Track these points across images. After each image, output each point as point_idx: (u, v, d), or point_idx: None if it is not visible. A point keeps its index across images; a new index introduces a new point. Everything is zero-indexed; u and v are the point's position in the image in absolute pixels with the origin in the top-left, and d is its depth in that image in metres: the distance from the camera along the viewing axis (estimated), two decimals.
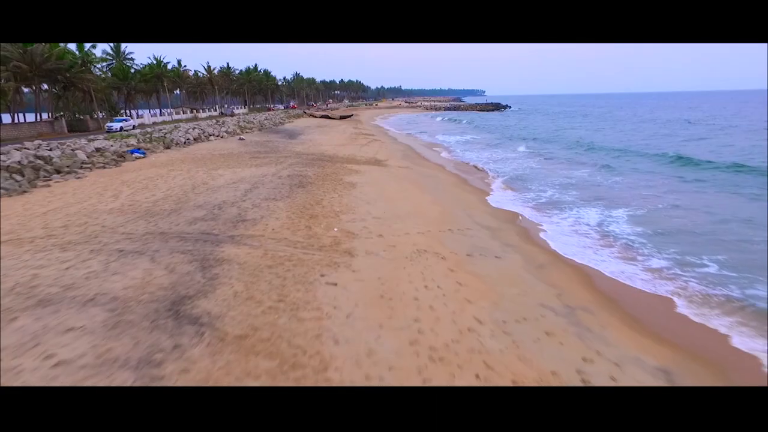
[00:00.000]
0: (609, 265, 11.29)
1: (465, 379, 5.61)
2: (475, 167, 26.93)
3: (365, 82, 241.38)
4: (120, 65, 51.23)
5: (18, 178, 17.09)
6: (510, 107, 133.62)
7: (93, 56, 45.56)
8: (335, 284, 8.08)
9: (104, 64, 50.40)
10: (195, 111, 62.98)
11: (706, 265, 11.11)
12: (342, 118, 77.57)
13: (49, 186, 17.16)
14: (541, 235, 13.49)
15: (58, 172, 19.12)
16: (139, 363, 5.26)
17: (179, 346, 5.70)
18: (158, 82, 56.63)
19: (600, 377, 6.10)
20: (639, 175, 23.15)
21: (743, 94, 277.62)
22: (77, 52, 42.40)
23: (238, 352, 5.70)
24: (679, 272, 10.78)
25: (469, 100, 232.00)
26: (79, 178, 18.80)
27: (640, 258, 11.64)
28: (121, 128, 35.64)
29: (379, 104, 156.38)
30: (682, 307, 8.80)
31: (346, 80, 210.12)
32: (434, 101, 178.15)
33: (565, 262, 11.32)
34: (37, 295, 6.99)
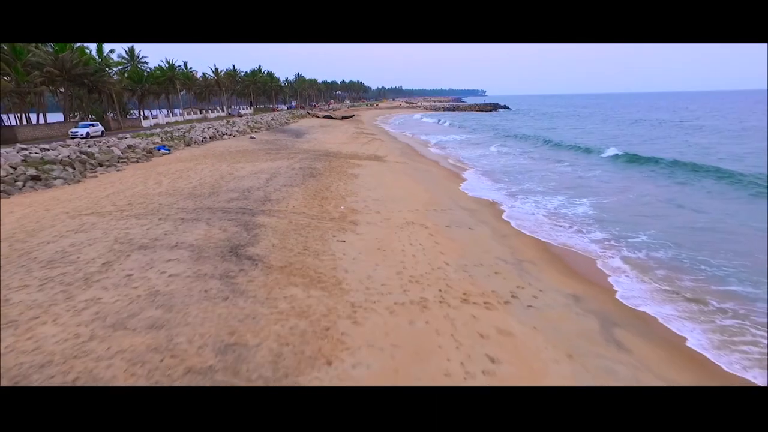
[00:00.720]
0: (560, 236, 14.20)
1: (431, 292, 8.50)
2: (464, 162, 29.86)
3: (366, 83, 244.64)
4: (135, 68, 54.25)
5: (70, 170, 20.06)
6: (508, 108, 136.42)
7: (111, 60, 48.57)
8: (344, 241, 11.01)
9: (120, 67, 53.38)
10: (204, 112, 65.99)
11: (637, 237, 14.01)
12: (344, 118, 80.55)
13: (96, 177, 20.13)
14: (510, 214, 16.41)
15: (101, 165, 22.11)
16: (221, 276, 8.20)
17: (243, 269, 8.63)
18: (170, 85, 59.62)
19: (525, 296, 8.98)
20: (599, 171, 26.12)
21: (743, 94, 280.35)
22: (97, 57, 45.44)
23: (281, 274, 8.63)
24: (614, 243, 13.68)
25: (470, 100, 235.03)
26: (119, 170, 21.77)
27: (585, 231, 14.57)
28: (88, 134, 31.05)
29: (379, 104, 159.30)
30: (601, 265, 11.72)
31: (347, 81, 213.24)
32: (434, 101, 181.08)
33: (526, 234, 14.24)
34: (136, 243, 9.95)
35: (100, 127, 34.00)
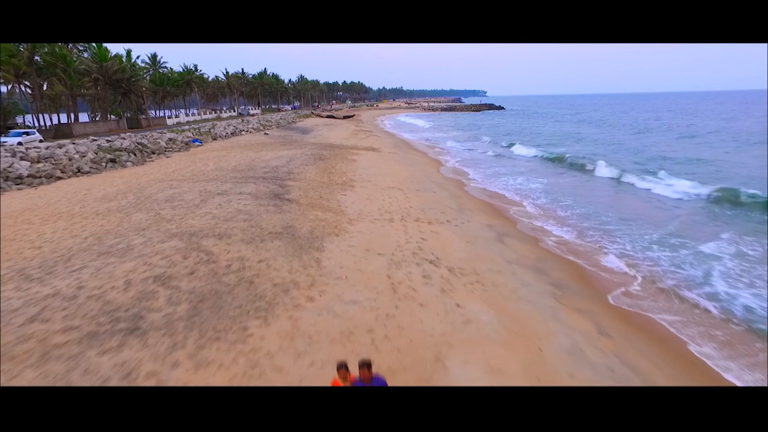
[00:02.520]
0: (506, 198, 19.98)
1: (396, 216, 14.23)
2: (445, 153, 35.66)
3: (367, 83, 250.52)
4: (157, 73, 60.21)
5: (133, 156, 25.92)
6: (503, 108, 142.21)
7: (138, 66, 54.49)
8: (345, 195, 16.80)
9: (143, 72, 59.26)
10: (217, 112, 71.94)
11: (565, 201, 19.76)
12: (345, 117, 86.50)
13: (153, 161, 25.97)
14: (470, 187, 22.20)
15: (153, 153, 27.98)
16: (273, 205, 14.00)
17: (285, 204, 14.43)
18: (187, 87, 65.54)
19: (456, 222, 14.68)
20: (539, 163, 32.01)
21: (741, 94, 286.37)
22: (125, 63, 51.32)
23: (308, 206, 14.42)
24: (548, 204, 19.44)
25: (470, 101, 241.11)
26: (168, 157, 27.61)
27: (530, 198, 20.35)
28: (20, 143, 25.97)
29: (379, 105, 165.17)
30: (523, 214, 17.47)
31: (348, 82, 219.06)
32: (433, 102, 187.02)
33: (475, 197, 20.02)
34: (214, 192, 15.77)
35: (36, 135, 29.91)
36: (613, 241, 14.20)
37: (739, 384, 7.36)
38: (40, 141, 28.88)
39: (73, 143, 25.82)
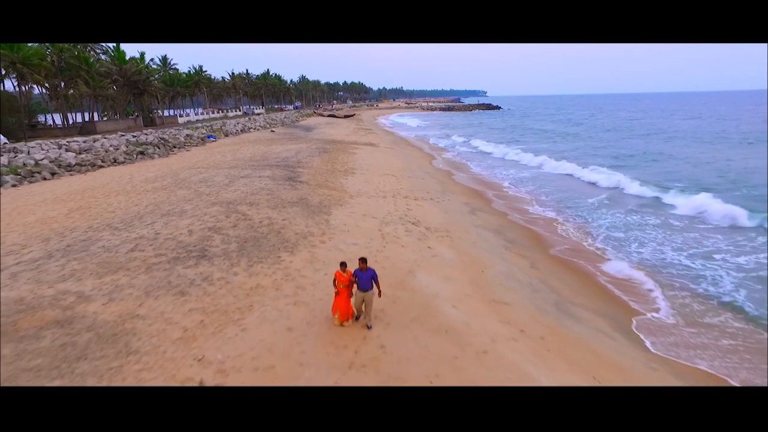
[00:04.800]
0: (493, 187, 23.14)
1: (389, 195, 17.40)
2: (439, 149, 38.81)
3: (367, 84, 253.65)
4: (167, 74, 63.43)
5: (158, 149, 29.10)
6: (500, 108, 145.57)
7: (150, 68, 57.70)
8: (347, 179, 19.98)
9: (156, 73, 62.43)
10: (224, 111, 75.17)
11: (547, 196, 22.96)
12: (346, 117, 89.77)
13: (176, 154, 29.15)
14: (458, 177, 25.37)
15: (175, 147, 31.19)
16: (289, 185, 17.20)
17: (298, 184, 17.61)
18: (195, 87, 68.74)
19: (439, 200, 17.84)
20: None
21: (742, 94, 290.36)
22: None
23: (316, 186, 17.59)
24: (533, 189, 22.64)
25: (469, 100, 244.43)
26: (188, 150, 30.80)
27: (508, 184, 23.54)
28: None
29: (379, 105, 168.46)
30: (499, 196, 20.64)
31: (348, 82, 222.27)
32: (432, 102, 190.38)
33: (460, 183, 23.20)
34: (238, 176, 18.96)
35: (2, 139, 29.80)
36: (571, 215, 17.43)
37: (628, 300, 10.52)
38: (5, 143, 28.15)
39: (105, 138, 29.03)
